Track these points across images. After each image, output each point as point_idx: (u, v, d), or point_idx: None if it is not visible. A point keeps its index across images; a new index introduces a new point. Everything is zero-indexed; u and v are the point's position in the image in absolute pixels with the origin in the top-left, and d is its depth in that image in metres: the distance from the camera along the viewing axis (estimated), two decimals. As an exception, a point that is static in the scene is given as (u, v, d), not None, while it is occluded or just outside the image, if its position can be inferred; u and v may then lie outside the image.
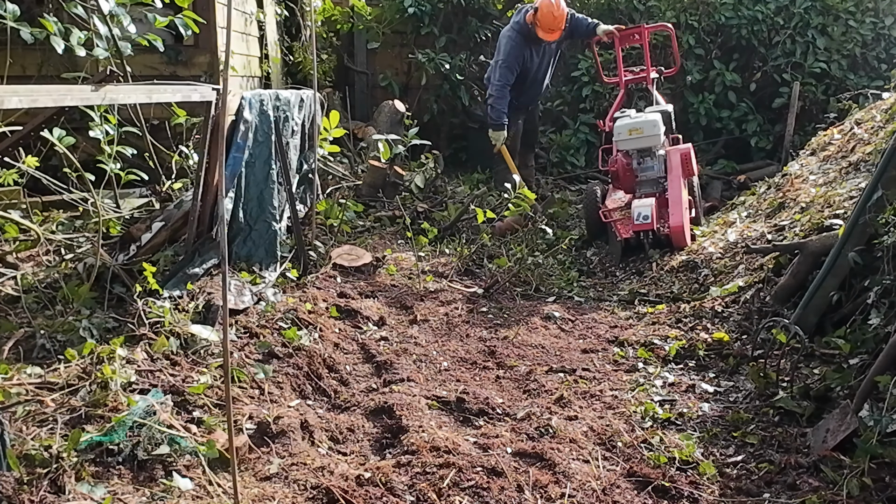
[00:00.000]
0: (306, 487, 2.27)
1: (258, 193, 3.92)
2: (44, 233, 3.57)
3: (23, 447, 2.15)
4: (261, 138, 3.91)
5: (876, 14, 7.78)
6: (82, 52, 3.34)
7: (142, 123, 4.05)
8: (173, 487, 2.16)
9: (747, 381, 3.13)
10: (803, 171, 4.96)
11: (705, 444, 2.65)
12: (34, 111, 3.39)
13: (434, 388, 3.07)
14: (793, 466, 2.42)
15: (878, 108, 5.10)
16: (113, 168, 3.77)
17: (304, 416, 2.70)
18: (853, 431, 2.41)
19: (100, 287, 3.22)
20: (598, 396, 3.07)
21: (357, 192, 5.89)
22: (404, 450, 2.50)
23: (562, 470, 2.45)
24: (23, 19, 3.17)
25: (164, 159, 4.30)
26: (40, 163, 3.80)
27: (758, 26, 7.78)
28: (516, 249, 4.98)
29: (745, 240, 4.35)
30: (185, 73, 4.98)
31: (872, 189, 3.20)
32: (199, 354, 2.97)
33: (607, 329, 3.90)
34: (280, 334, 3.28)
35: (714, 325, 3.71)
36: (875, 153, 4.28)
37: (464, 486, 2.33)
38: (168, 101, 3.63)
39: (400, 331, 3.71)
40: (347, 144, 6.30)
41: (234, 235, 3.82)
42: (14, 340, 2.78)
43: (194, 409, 2.60)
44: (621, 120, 5.29)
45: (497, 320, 3.99)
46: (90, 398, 2.46)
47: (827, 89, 7.69)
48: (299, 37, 7.39)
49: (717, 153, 8.06)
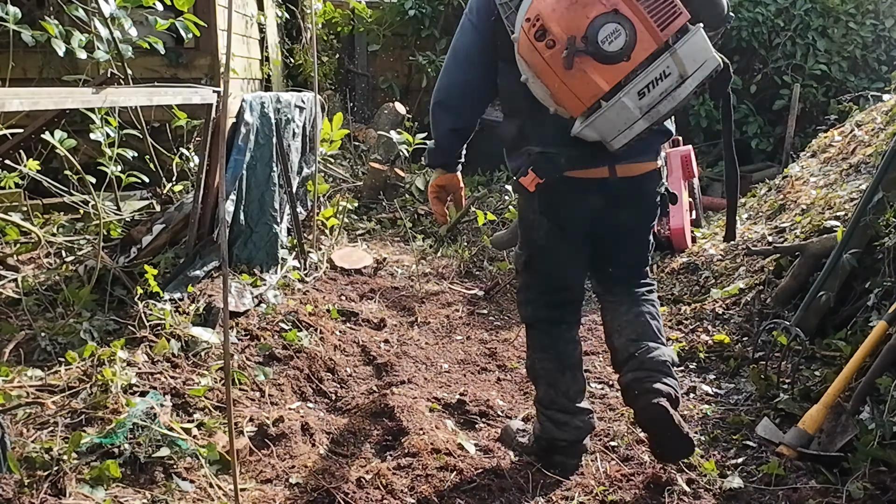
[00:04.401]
0: (307, 490, 2.27)
1: (259, 196, 3.93)
2: (44, 235, 3.57)
3: (23, 449, 2.16)
4: (262, 141, 3.91)
5: (876, 16, 7.79)
6: (83, 55, 3.35)
7: (143, 126, 4.06)
8: (174, 489, 2.16)
9: (748, 383, 3.12)
10: (804, 173, 4.96)
11: (706, 446, 2.65)
12: (35, 114, 3.39)
13: (435, 390, 3.07)
14: (793, 469, 2.41)
15: (878, 110, 5.10)
16: (114, 170, 3.78)
17: (304, 418, 2.70)
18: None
19: (100, 289, 3.22)
20: (599, 398, 3.07)
21: (358, 195, 5.90)
22: (405, 452, 2.50)
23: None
24: (24, 22, 3.18)
25: (165, 162, 4.30)
26: (41, 165, 3.81)
27: (758, 28, 7.79)
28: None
29: (746, 242, 4.35)
30: (185, 75, 4.98)
31: (873, 191, 3.20)
32: (199, 357, 2.97)
33: (608, 331, 3.89)
34: (281, 336, 3.28)
35: (715, 327, 3.71)
36: (875, 155, 4.28)
37: (465, 488, 2.33)
38: (169, 103, 3.64)
39: (400, 333, 3.71)
40: (348, 146, 6.31)
41: (234, 238, 3.82)
42: (15, 343, 2.78)
43: (195, 411, 2.60)
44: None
45: (498, 322, 3.99)
46: (91, 400, 2.46)
47: (827, 91, 7.70)
48: (300, 39, 7.40)
49: (717, 155, 8.06)
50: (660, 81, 2.02)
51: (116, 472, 2.14)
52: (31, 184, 3.85)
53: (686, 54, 2.00)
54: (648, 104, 2.01)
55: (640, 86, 2.00)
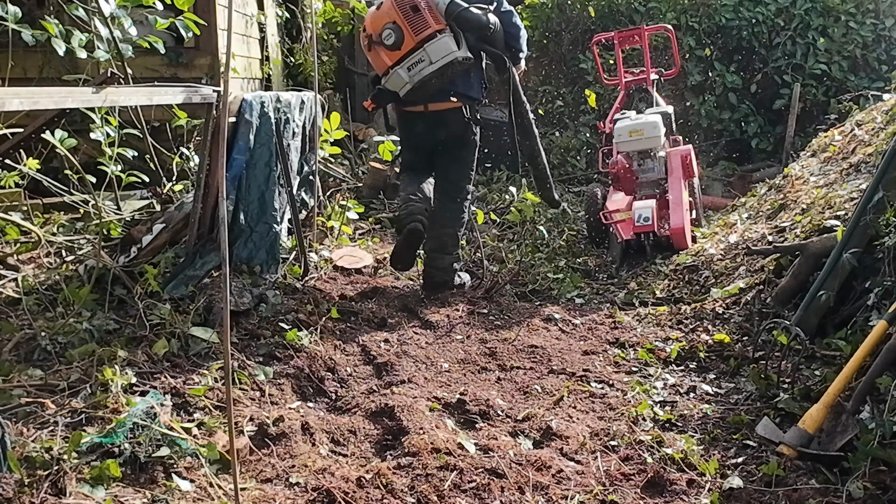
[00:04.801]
0: (307, 489, 2.27)
1: (259, 195, 3.92)
2: (45, 235, 3.57)
3: (23, 449, 2.16)
4: (262, 140, 3.91)
5: (876, 15, 7.78)
6: (83, 55, 3.35)
7: (143, 125, 4.06)
8: (174, 489, 2.16)
9: (748, 382, 3.12)
10: (804, 172, 4.96)
11: (706, 446, 2.65)
12: (35, 113, 3.39)
13: (435, 390, 3.06)
14: (793, 468, 2.41)
15: (878, 110, 5.10)
16: (114, 170, 3.78)
17: (304, 417, 2.70)
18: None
19: (101, 289, 3.22)
20: (599, 398, 3.07)
21: (358, 194, 5.90)
22: (405, 451, 2.50)
23: (562, 471, 2.45)
24: (24, 21, 3.18)
25: (165, 161, 4.30)
26: (41, 165, 3.81)
27: (758, 28, 7.79)
28: (517, 251, 4.98)
29: (746, 241, 4.35)
30: (185, 75, 4.99)
31: (873, 190, 3.20)
32: (199, 356, 2.97)
33: (608, 330, 3.90)
34: (281, 336, 3.28)
35: (715, 326, 3.71)
36: (876, 154, 4.28)
37: (465, 487, 2.33)
38: (169, 103, 3.64)
39: (400, 332, 3.71)
40: (348, 146, 6.30)
41: (235, 237, 3.82)
42: (15, 342, 2.78)
43: (195, 410, 2.60)
44: (621, 122, 5.29)
45: (497, 322, 3.99)
46: (91, 400, 2.46)
47: (827, 91, 7.70)
48: (300, 39, 7.40)
49: (717, 155, 8.06)
50: (419, 63, 3.81)
51: (116, 472, 2.14)
52: (32, 183, 3.85)
53: (432, 50, 3.77)
54: (413, 74, 3.84)
55: (408, 64, 3.84)
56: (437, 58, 3.73)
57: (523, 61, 4.32)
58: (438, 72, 3.76)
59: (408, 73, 3.81)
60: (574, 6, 8.34)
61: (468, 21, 3.79)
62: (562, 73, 8.50)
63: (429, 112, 4.02)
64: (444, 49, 3.74)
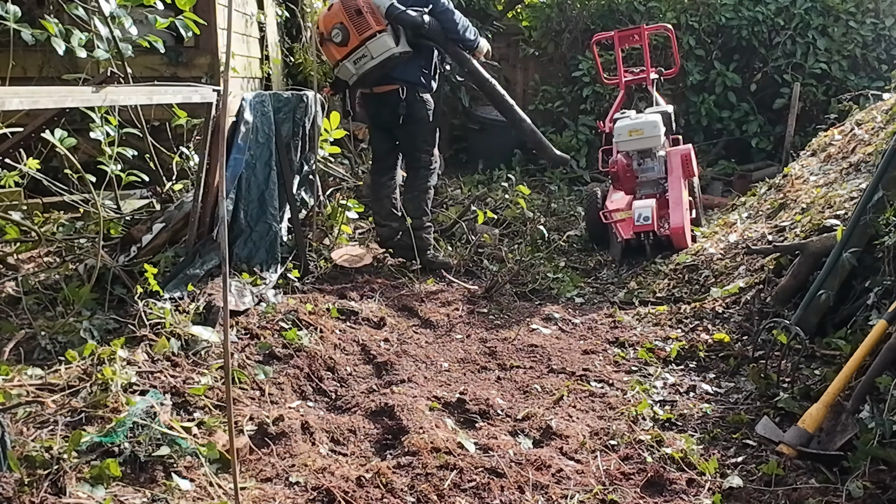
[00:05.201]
0: (307, 488, 2.27)
1: (259, 195, 3.92)
2: (44, 234, 3.57)
3: (23, 448, 2.16)
4: (261, 139, 3.91)
5: (876, 15, 7.79)
6: (83, 54, 3.34)
7: (142, 125, 4.05)
8: (174, 488, 2.16)
9: (748, 381, 3.12)
10: (804, 171, 4.96)
11: (706, 445, 2.65)
12: (35, 112, 3.39)
13: (435, 389, 3.06)
14: (793, 468, 2.41)
15: (878, 109, 5.10)
16: (114, 169, 3.77)
17: (304, 417, 2.70)
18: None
19: (100, 288, 3.22)
20: (599, 397, 3.07)
21: (358, 193, 5.89)
22: (405, 451, 2.50)
23: (562, 470, 2.45)
24: (24, 21, 3.17)
25: (165, 161, 4.30)
26: (41, 164, 3.81)
27: (758, 27, 7.79)
28: (517, 251, 4.98)
29: (746, 241, 4.34)
30: (185, 74, 4.98)
31: (873, 190, 3.20)
32: (199, 355, 2.97)
33: (608, 330, 3.90)
34: (281, 335, 3.28)
35: (715, 325, 3.71)
36: (875, 154, 4.28)
37: (464, 486, 2.33)
38: (169, 102, 3.63)
39: (400, 331, 3.71)
40: (348, 145, 6.30)
41: (234, 237, 3.82)
42: (15, 342, 2.78)
43: (195, 410, 2.60)
44: (621, 121, 5.29)
45: (497, 321, 3.99)
46: (91, 399, 2.46)
47: (827, 90, 7.70)
48: (300, 38, 7.39)
49: (717, 154, 8.06)
50: (363, 58, 4.41)
51: (116, 471, 2.14)
52: (31, 182, 3.85)
53: (373, 47, 4.37)
54: (358, 67, 4.44)
55: (353, 58, 4.43)
56: (377, 53, 4.38)
57: (482, 45, 4.79)
58: (379, 65, 4.41)
59: (354, 66, 4.44)
60: (574, 6, 8.34)
61: (405, 22, 4.42)
62: (562, 73, 8.50)
63: (374, 94, 4.66)
64: (382, 46, 4.38)
